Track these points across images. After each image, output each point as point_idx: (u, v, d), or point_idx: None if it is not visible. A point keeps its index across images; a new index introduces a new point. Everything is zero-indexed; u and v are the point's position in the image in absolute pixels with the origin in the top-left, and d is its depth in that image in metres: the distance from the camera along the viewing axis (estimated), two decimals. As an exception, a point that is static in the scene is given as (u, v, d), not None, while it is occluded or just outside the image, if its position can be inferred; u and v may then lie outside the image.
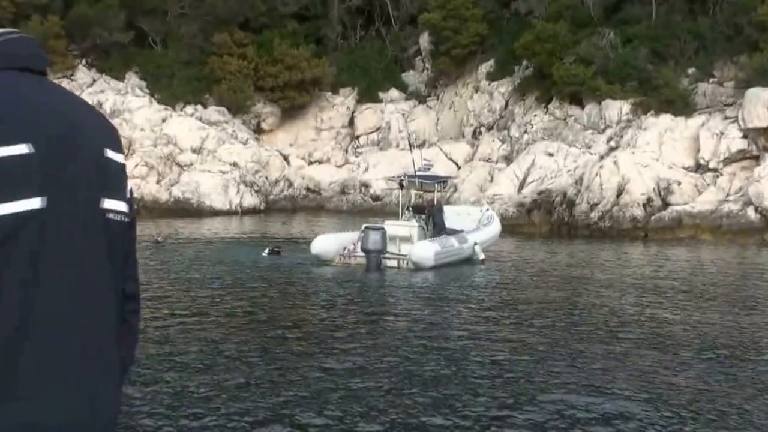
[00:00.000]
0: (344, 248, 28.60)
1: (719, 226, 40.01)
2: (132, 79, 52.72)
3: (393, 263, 27.95)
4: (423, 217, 29.74)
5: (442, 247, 28.07)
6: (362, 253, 27.75)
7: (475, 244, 29.58)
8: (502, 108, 52.67)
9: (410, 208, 30.24)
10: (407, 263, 27.73)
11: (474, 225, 31.22)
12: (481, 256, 29.50)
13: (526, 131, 49.41)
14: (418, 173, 30.25)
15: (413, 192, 31.26)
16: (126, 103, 50.05)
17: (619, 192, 41.77)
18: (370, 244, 27.40)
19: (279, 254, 29.91)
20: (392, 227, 28.72)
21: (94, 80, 51.81)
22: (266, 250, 29.95)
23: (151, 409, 11.92)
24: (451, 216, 31.05)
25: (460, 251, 29.05)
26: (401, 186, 30.69)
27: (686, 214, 40.74)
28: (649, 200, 41.46)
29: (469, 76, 55.27)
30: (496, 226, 31.83)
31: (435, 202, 30.40)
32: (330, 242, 28.79)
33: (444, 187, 31.67)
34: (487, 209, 32.76)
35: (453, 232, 29.93)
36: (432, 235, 29.33)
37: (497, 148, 50.08)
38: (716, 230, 39.98)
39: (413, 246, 27.80)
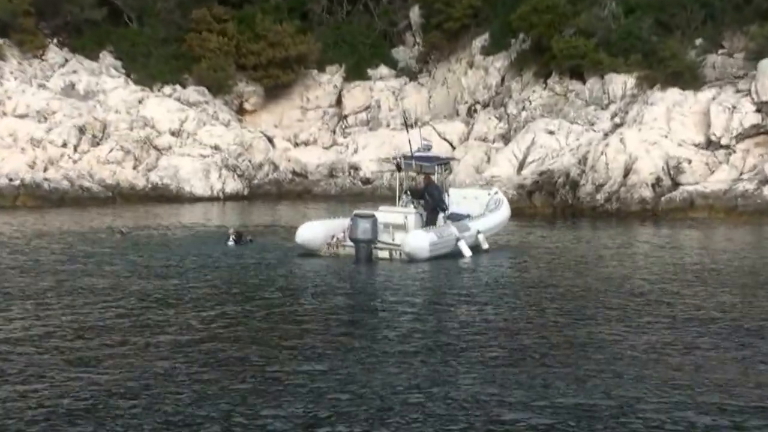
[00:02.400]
0: (332, 236, 26.12)
1: (734, 206, 37.65)
2: (106, 58, 49.86)
3: (385, 254, 25.44)
4: (422, 202, 27.05)
5: (439, 237, 25.50)
6: (351, 243, 25.29)
7: (479, 232, 26.96)
8: (498, 84, 50.00)
9: (408, 192, 27.52)
10: (400, 254, 25.20)
11: (481, 210, 28.45)
12: (485, 246, 26.96)
13: (524, 108, 46.77)
14: (416, 154, 27.50)
15: (411, 175, 28.46)
16: (100, 84, 47.35)
17: (626, 172, 39.33)
18: (359, 233, 25.02)
19: (241, 241, 27.41)
20: (385, 214, 26.21)
21: (67, 60, 48.92)
22: (230, 239, 27.39)
23: None
24: (457, 200, 28.39)
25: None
26: (398, 168, 27.86)
27: (698, 195, 38.36)
28: (659, 180, 39.05)
29: (462, 50, 52.58)
30: (504, 212, 29.08)
31: (434, 181, 27.56)
32: (316, 230, 26.37)
33: (446, 169, 28.90)
34: (496, 192, 29.92)
35: (458, 218, 27.27)
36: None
37: (494, 126, 47.46)
38: (731, 211, 37.63)
39: (406, 235, 25.30)
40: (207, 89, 49.58)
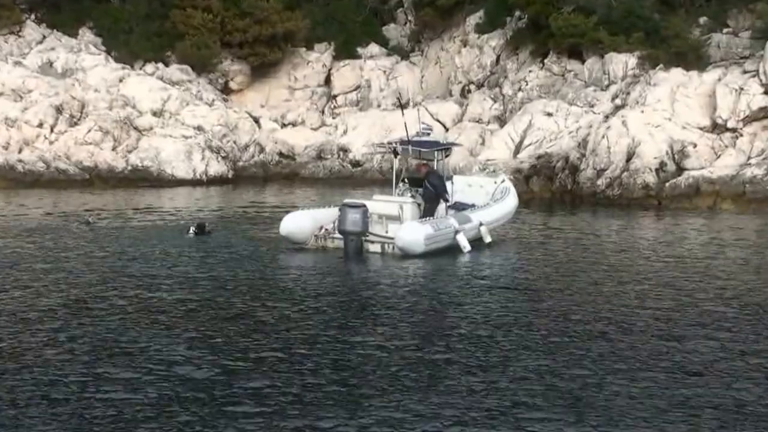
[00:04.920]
0: (320, 227, 24.28)
1: (742, 193, 35.94)
2: (86, 35, 48.29)
3: (376, 248, 23.66)
4: (420, 191, 25.25)
5: (436, 230, 23.70)
6: (340, 236, 23.50)
7: (481, 224, 25.20)
8: (493, 63, 48.42)
9: (405, 180, 25.74)
10: (393, 248, 23.43)
11: (486, 199, 26.67)
12: (488, 239, 25.21)
13: (520, 89, 45.23)
14: (415, 139, 25.66)
15: (410, 161, 26.78)
16: (79, 62, 45.68)
17: (629, 156, 37.57)
18: (348, 224, 23.23)
19: (203, 233, 25.56)
20: (378, 203, 24.42)
21: (44, 37, 47.45)
22: (191, 229, 25.69)
23: None
24: (461, 188, 26.66)
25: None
26: (395, 154, 25.95)
27: (704, 180, 36.64)
28: (662, 165, 37.31)
29: (456, 28, 51.09)
30: (510, 202, 27.23)
31: (434, 168, 25.77)
32: (303, 221, 24.40)
33: (447, 155, 27.16)
34: (503, 180, 27.99)
35: (461, 207, 25.63)
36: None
37: (489, 107, 45.91)
38: (739, 198, 35.91)
39: (399, 228, 23.51)
40: (191, 67, 48.02)
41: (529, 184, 38.61)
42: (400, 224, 23.71)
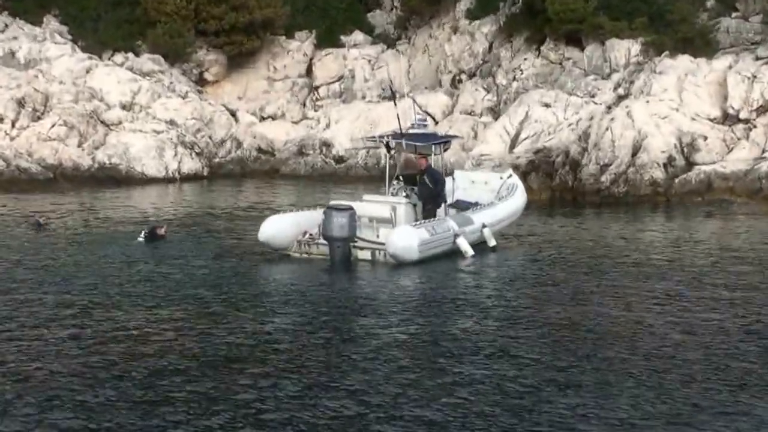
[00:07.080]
0: (304, 232, 21.78)
1: (758, 189, 33.74)
2: (51, 23, 46.21)
3: (366, 255, 21.17)
4: (415, 190, 22.72)
5: (432, 234, 21.16)
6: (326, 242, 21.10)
7: (484, 226, 22.60)
8: (486, 51, 46.25)
9: (399, 178, 23.24)
10: (385, 255, 20.87)
11: (491, 197, 24.27)
12: (492, 242, 22.74)
13: (515, 78, 42.97)
14: (410, 132, 23.25)
15: (403, 156, 24.65)
16: (43, 52, 43.47)
17: (635, 150, 35.15)
18: (333, 229, 20.78)
19: (159, 236, 23.35)
20: (368, 205, 22.05)
21: (6, 25, 45.10)
22: (142, 234, 23.37)
23: None
24: (464, 185, 24.34)
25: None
26: (388, 148, 23.53)
27: (717, 176, 34.45)
28: (671, 159, 34.89)
29: (445, 14, 49.16)
30: (517, 200, 24.90)
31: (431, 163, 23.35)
32: (284, 225, 21.94)
33: (446, 150, 24.69)
34: (509, 176, 25.64)
35: (464, 206, 23.29)
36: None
37: (481, 98, 43.68)
38: (754, 194, 33.71)
39: (391, 233, 20.97)
40: (163, 57, 45.96)
41: (527, 180, 35.90)
42: (393, 227, 21.09)
